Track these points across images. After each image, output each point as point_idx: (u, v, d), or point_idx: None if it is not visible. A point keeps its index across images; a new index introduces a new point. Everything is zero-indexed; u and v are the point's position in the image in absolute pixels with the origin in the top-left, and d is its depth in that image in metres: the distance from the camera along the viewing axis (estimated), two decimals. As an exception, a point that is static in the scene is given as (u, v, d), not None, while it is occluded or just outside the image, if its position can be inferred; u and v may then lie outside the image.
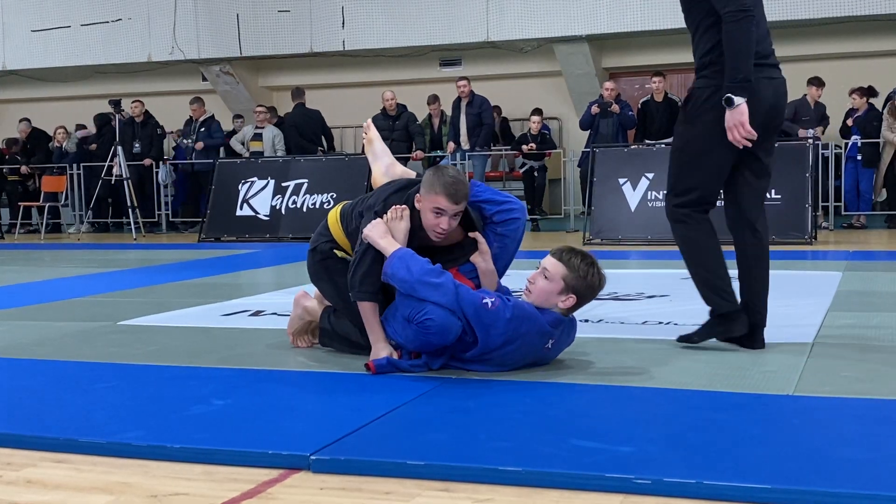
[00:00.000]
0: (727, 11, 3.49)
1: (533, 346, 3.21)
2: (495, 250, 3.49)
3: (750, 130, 3.47)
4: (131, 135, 13.22)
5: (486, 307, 3.11)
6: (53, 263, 8.61)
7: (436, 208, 3.34)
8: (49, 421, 2.72)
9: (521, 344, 3.18)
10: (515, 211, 3.54)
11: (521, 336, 3.16)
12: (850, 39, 13.02)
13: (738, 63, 3.49)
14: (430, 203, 3.35)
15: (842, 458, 2.21)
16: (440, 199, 3.32)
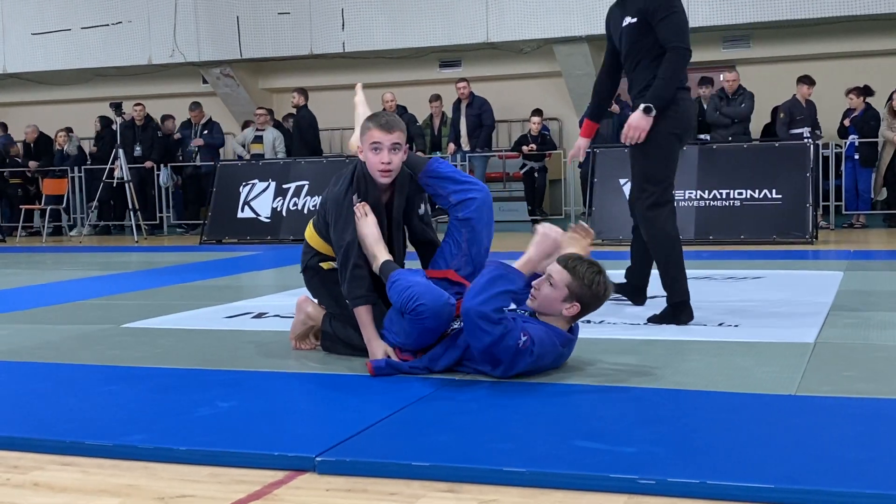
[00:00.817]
0: (674, 46, 4.25)
1: (546, 366, 3.20)
2: (464, 238, 3.47)
3: (642, 137, 4.29)
4: (132, 137, 13.24)
5: (518, 346, 3.05)
6: (55, 266, 8.62)
7: (372, 144, 3.44)
8: (55, 424, 2.73)
9: (538, 367, 3.16)
10: (472, 191, 3.50)
11: (541, 364, 3.16)
12: (845, 39, 13.03)
13: (669, 87, 4.26)
14: (367, 142, 3.45)
15: (844, 457, 2.22)
16: (374, 133, 3.43)
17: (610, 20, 4.60)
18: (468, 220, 3.48)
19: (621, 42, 4.47)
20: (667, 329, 4.07)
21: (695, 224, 9.35)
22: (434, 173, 3.54)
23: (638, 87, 4.41)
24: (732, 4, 12.70)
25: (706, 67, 13.60)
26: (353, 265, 3.42)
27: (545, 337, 3.15)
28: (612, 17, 4.58)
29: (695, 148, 9.84)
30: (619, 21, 4.47)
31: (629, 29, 4.40)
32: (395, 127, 3.46)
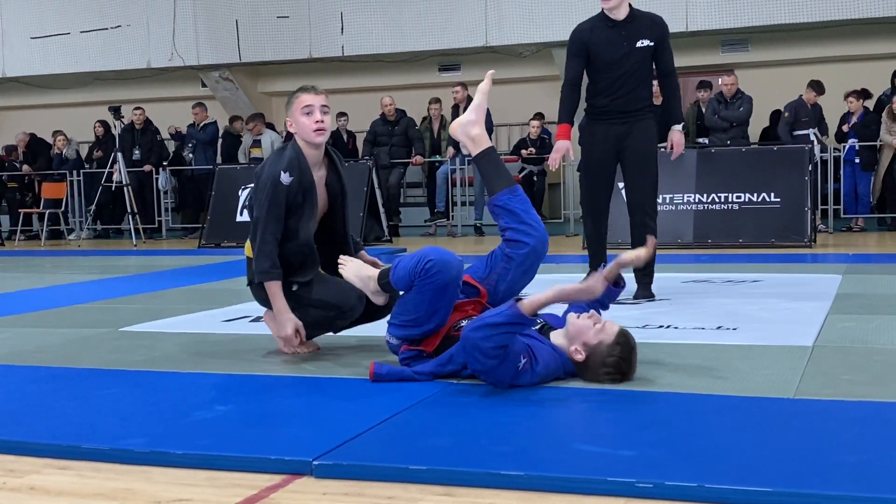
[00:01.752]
0: (675, 71, 5.19)
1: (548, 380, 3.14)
2: (497, 271, 3.42)
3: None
4: (131, 141, 13.25)
5: (517, 369, 3.01)
6: (54, 270, 8.62)
7: (304, 108, 3.61)
8: (52, 427, 2.72)
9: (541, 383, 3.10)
10: (528, 236, 3.38)
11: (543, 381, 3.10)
12: (843, 43, 13.06)
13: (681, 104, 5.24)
14: (297, 108, 3.62)
15: (843, 461, 2.21)
16: (303, 98, 3.62)
17: (596, 38, 5.02)
18: (510, 259, 3.41)
19: (620, 59, 4.97)
20: (665, 332, 4.07)
21: (693, 227, 9.35)
22: (501, 202, 3.42)
23: (641, 103, 5.07)
24: (731, 8, 12.72)
25: (705, 71, 13.63)
26: (260, 241, 3.57)
27: (550, 359, 3.11)
28: (604, 36, 5.01)
29: (693, 151, 9.84)
30: (616, 40, 4.97)
31: (643, 51, 4.98)
32: (321, 91, 3.68)
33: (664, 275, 6.48)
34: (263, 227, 3.58)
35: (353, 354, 3.74)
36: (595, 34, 5.04)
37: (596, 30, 5.05)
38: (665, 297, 5.20)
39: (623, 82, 5.02)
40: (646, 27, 5.02)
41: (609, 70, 5.02)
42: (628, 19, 5.02)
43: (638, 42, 4.99)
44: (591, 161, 5.21)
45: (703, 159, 9.63)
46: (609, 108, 5.08)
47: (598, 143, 5.11)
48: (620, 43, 4.99)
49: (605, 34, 5.01)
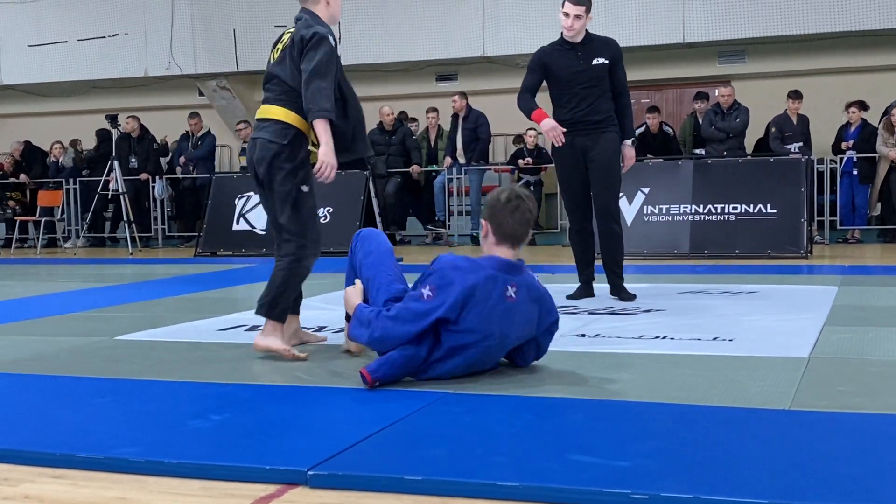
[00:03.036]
0: (628, 90, 5.69)
1: (490, 296, 3.21)
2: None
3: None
4: (127, 149, 13.25)
5: (423, 299, 3.22)
6: (49, 278, 8.60)
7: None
8: (46, 436, 2.72)
9: (477, 298, 3.19)
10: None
11: (474, 290, 3.18)
12: (840, 55, 13.09)
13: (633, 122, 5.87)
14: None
15: (839, 472, 2.21)
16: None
17: (555, 58, 5.55)
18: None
19: (578, 74, 5.48)
20: (661, 343, 4.07)
21: (690, 238, 9.36)
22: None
23: (603, 115, 5.54)
24: (728, 20, 12.75)
25: (702, 82, 13.66)
26: (326, 85, 3.90)
27: (459, 263, 3.24)
28: (560, 56, 5.54)
29: (690, 162, 9.87)
30: (573, 59, 5.51)
31: (599, 67, 5.51)
32: None
33: (660, 285, 6.48)
34: (325, 72, 3.92)
35: (348, 364, 3.73)
36: (554, 55, 5.59)
37: (555, 51, 5.61)
38: (661, 308, 5.20)
39: (583, 96, 5.52)
40: (601, 47, 5.59)
41: (567, 85, 5.54)
42: (585, 41, 5.57)
43: (594, 60, 5.53)
44: (565, 175, 5.71)
45: (699, 170, 9.65)
46: (573, 121, 5.55)
47: (568, 155, 5.58)
48: (577, 61, 5.53)
49: (563, 54, 5.57)
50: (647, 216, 9.59)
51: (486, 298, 3.20)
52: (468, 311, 3.20)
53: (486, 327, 3.22)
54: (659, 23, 12.94)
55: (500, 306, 3.23)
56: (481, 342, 3.24)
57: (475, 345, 3.24)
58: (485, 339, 3.23)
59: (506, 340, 3.32)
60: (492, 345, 3.28)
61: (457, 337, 3.23)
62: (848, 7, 12.25)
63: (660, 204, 9.60)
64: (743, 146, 11.26)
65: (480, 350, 3.26)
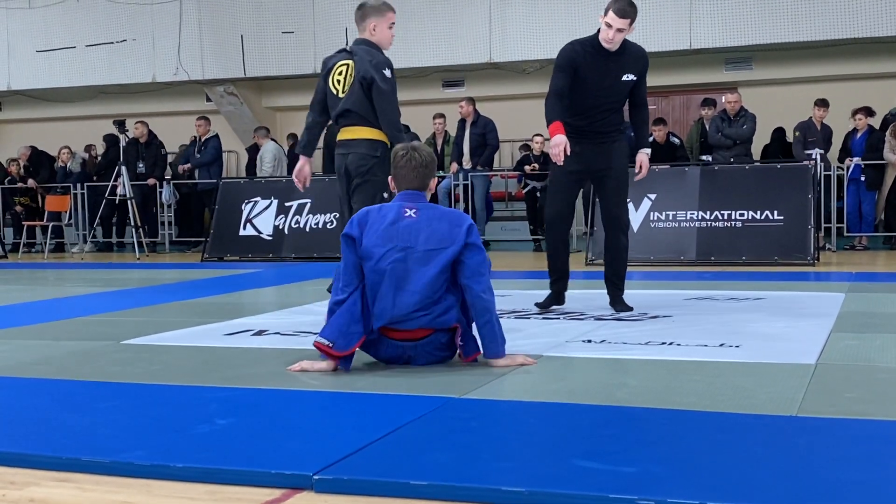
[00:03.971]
0: (646, 101, 5.47)
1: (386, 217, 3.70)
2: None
3: None
4: (135, 155, 13.28)
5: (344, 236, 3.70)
6: (57, 283, 8.62)
7: (392, 24, 5.23)
8: (52, 440, 2.72)
9: (371, 220, 3.71)
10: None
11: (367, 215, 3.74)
12: (847, 61, 13.10)
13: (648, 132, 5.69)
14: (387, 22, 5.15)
15: (846, 479, 2.20)
16: (391, 16, 5.16)
17: (586, 62, 5.15)
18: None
19: (605, 88, 5.20)
20: (667, 349, 4.07)
21: (696, 245, 9.35)
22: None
23: (614, 126, 5.36)
24: (735, 27, 12.76)
25: (709, 89, 13.66)
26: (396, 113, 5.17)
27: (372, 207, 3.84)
28: (592, 62, 5.15)
29: (696, 169, 9.86)
30: (604, 69, 5.16)
31: (626, 84, 5.24)
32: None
33: (667, 291, 6.47)
34: (395, 106, 5.07)
35: (353, 370, 3.73)
36: (587, 57, 5.18)
37: (588, 54, 5.19)
38: (668, 314, 5.19)
39: (603, 108, 5.26)
40: (632, 61, 5.24)
41: (592, 95, 5.21)
42: (619, 51, 5.20)
43: (624, 76, 5.23)
44: (562, 181, 5.38)
45: (706, 177, 9.64)
46: (585, 130, 5.26)
47: (574, 159, 5.18)
48: (608, 73, 5.20)
49: (595, 60, 5.18)
50: (654, 223, 9.58)
51: (381, 220, 3.71)
52: (367, 233, 3.69)
53: (387, 241, 3.66)
54: (666, 29, 12.95)
55: (401, 223, 3.70)
56: (388, 254, 3.65)
57: (384, 257, 3.64)
58: (389, 251, 3.65)
59: (412, 252, 3.67)
60: (398, 256, 3.65)
61: (369, 264, 3.66)
62: (855, 14, 12.24)
63: (666, 210, 9.59)
64: (750, 153, 11.25)
65: (391, 261, 3.64)
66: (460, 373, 3.61)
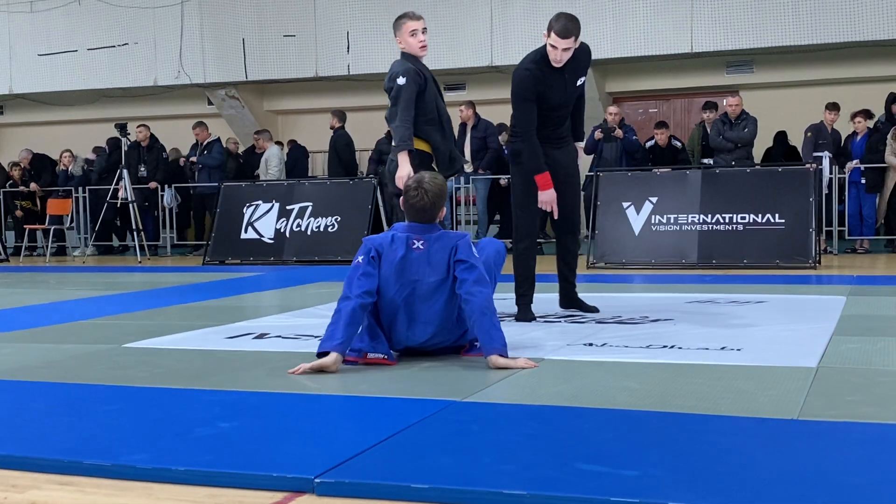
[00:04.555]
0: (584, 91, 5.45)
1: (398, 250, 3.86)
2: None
3: None
4: (137, 158, 13.29)
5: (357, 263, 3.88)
6: (58, 286, 8.63)
7: (410, 32, 5.17)
8: (54, 443, 2.72)
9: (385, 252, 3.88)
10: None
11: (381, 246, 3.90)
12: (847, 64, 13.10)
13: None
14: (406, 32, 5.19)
15: (847, 482, 2.20)
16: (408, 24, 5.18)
17: (547, 85, 5.15)
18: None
19: (566, 98, 5.25)
20: (669, 352, 4.07)
21: (698, 248, 9.35)
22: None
23: (567, 130, 5.40)
24: (736, 30, 12.76)
25: (710, 92, 13.66)
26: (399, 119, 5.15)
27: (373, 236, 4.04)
28: (551, 80, 5.16)
29: (698, 172, 9.86)
30: (561, 82, 5.18)
31: (581, 86, 5.35)
32: (420, 16, 5.23)
33: (668, 295, 6.48)
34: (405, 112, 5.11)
35: (355, 373, 3.73)
36: (544, 78, 5.16)
37: (544, 74, 5.17)
38: (669, 318, 5.19)
39: (563, 115, 5.34)
40: (582, 63, 5.28)
41: (554, 111, 5.25)
42: (569, 58, 5.16)
43: (578, 81, 5.31)
44: (530, 181, 5.26)
45: (707, 180, 9.65)
46: (549, 137, 5.29)
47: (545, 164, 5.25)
48: (564, 87, 5.24)
49: (552, 77, 5.18)
50: (655, 226, 9.58)
51: (393, 253, 3.88)
52: (382, 263, 3.87)
53: (399, 276, 3.84)
54: (667, 33, 12.95)
55: (410, 256, 3.87)
56: (400, 290, 3.85)
57: (397, 292, 3.85)
58: (402, 286, 3.85)
59: (421, 284, 3.86)
60: (409, 291, 3.86)
61: (384, 297, 3.87)
62: (856, 17, 12.25)
63: (668, 213, 9.59)
64: (751, 156, 11.25)
65: (404, 297, 3.86)
66: (462, 376, 3.61)
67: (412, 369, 3.76)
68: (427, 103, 5.20)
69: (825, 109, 11.21)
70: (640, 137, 12.46)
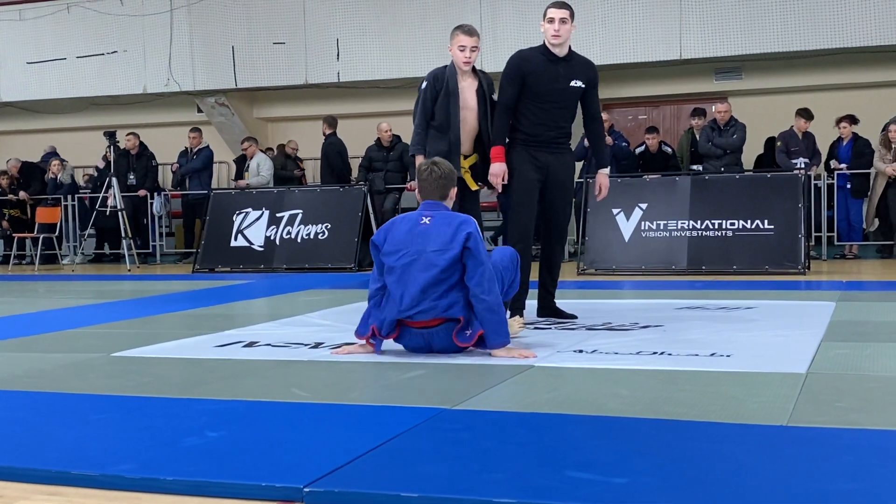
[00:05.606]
0: (601, 116, 5.62)
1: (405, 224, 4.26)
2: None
3: None
4: (126, 166, 13.26)
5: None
6: (47, 295, 8.60)
7: (459, 45, 5.40)
8: (42, 453, 2.71)
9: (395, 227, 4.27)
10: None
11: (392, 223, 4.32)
12: (836, 71, 13.16)
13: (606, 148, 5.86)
14: (455, 45, 5.42)
15: (837, 489, 2.21)
16: (460, 38, 5.40)
17: (535, 68, 5.24)
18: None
19: (556, 93, 5.26)
20: (659, 359, 4.07)
21: (687, 254, 9.37)
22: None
23: (564, 137, 5.41)
24: (724, 37, 12.81)
25: (699, 99, 13.71)
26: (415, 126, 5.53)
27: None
28: (543, 68, 5.24)
29: (688, 178, 9.89)
30: (553, 74, 5.24)
31: (576, 90, 5.31)
32: (474, 33, 5.48)
33: (658, 301, 6.48)
34: (418, 117, 5.46)
35: (345, 380, 3.72)
36: (535, 65, 5.26)
37: (536, 61, 5.27)
38: (659, 324, 5.19)
39: (554, 115, 5.31)
40: (581, 68, 5.33)
41: (544, 102, 5.28)
42: (567, 58, 5.30)
43: (572, 81, 5.28)
44: (524, 191, 5.35)
45: (697, 186, 9.67)
46: (542, 138, 5.32)
47: (532, 167, 5.30)
48: (557, 78, 5.26)
49: (544, 66, 5.25)
50: (645, 232, 9.60)
51: (401, 226, 4.27)
52: (389, 239, 4.26)
53: (401, 246, 4.20)
54: (656, 40, 12.99)
55: (416, 229, 4.22)
56: (402, 257, 4.17)
57: (399, 260, 4.18)
58: (405, 254, 4.17)
59: (424, 254, 4.15)
60: (409, 260, 4.16)
61: (388, 266, 4.22)
62: (843, 24, 12.31)
63: (657, 220, 9.61)
64: (740, 162, 11.29)
65: (403, 264, 4.16)
66: (452, 384, 3.61)
67: (402, 377, 3.75)
68: (437, 111, 5.42)
69: (795, 116, 11.24)
70: (630, 144, 12.49)
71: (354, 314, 6.09)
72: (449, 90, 5.42)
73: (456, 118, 5.41)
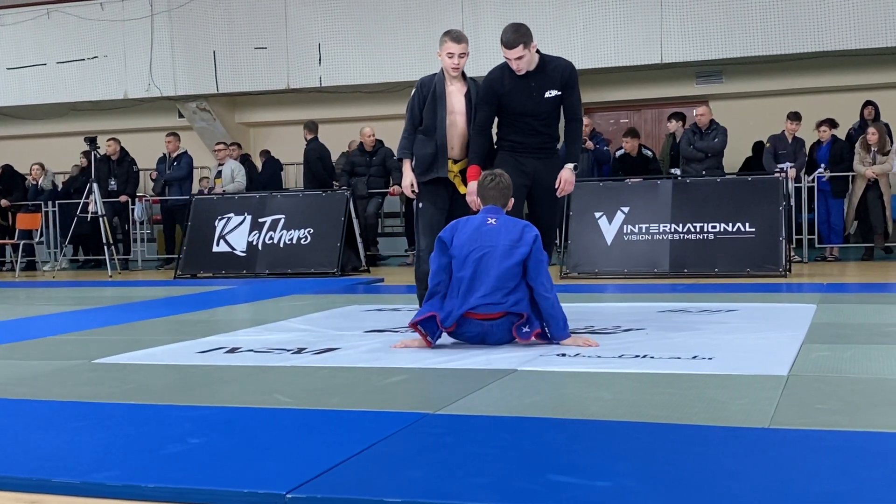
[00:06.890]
0: (580, 118, 5.55)
1: (471, 225, 4.56)
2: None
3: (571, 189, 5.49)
4: (107, 172, 13.20)
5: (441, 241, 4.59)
6: (28, 301, 8.54)
7: (448, 52, 5.47)
8: (21, 461, 2.68)
9: (461, 228, 4.56)
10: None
11: (457, 223, 4.63)
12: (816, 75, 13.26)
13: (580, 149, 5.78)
14: (444, 51, 5.50)
15: (818, 490, 2.22)
16: (448, 45, 5.48)
17: (507, 88, 5.27)
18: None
19: (531, 107, 5.27)
20: (641, 362, 4.08)
21: (669, 257, 9.41)
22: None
23: (550, 142, 5.44)
24: (705, 40, 12.88)
25: (680, 102, 13.79)
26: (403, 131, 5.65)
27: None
28: (514, 86, 5.25)
29: (669, 182, 9.93)
30: (526, 90, 5.25)
31: (553, 99, 5.30)
32: (462, 39, 5.53)
33: (640, 304, 6.50)
34: (406, 122, 5.62)
35: (327, 385, 3.72)
36: (506, 84, 5.28)
37: (507, 79, 5.29)
38: (641, 327, 5.20)
39: (535, 126, 5.35)
40: (554, 76, 5.28)
41: (519, 117, 5.32)
42: (538, 69, 5.26)
43: (547, 92, 5.27)
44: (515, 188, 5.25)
45: (678, 189, 9.71)
46: (526, 145, 5.36)
47: (518, 173, 5.27)
48: (530, 93, 5.27)
49: (515, 84, 5.27)
50: (627, 235, 9.63)
51: (467, 227, 4.58)
52: (457, 235, 4.55)
53: (472, 243, 4.49)
54: (637, 44, 13.05)
55: (483, 228, 4.55)
56: (473, 252, 4.46)
57: (470, 255, 4.46)
58: (474, 250, 4.46)
59: (495, 250, 4.45)
60: (481, 254, 4.45)
61: (457, 261, 4.49)
62: (823, 28, 12.40)
63: (639, 223, 9.64)
64: (721, 165, 11.34)
65: (475, 258, 4.44)
66: (434, 388, 3.61)
67: (384, 382, 3.75)
68: (424, 115, 5.56)
69: (786, 119, 11.31)
70: (611, 148, 12.53)
71: (337, 319, 6.08)
72: (436, 94, 5.52)
73: (442, 121, 5.48)
